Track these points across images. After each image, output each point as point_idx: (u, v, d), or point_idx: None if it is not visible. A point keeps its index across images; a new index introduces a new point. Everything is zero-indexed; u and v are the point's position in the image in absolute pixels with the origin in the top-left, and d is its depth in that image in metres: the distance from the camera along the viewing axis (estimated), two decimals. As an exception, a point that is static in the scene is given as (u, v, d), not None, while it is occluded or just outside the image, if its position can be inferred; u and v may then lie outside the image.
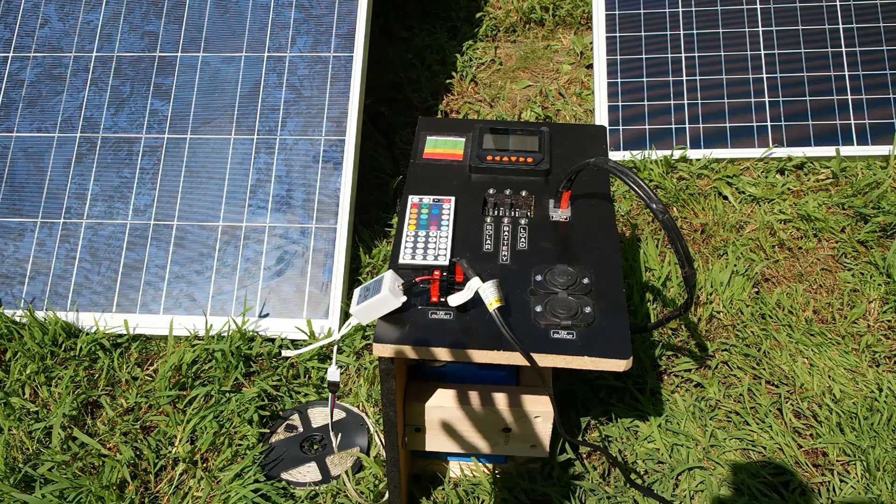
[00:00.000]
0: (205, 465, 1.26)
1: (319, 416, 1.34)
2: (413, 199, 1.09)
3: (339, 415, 1.34)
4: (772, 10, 1.92)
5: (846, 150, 1.77)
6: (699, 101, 1.86)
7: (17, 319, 1.47)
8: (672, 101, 1.86)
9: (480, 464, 1.21)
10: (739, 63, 1.88)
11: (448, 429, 1.09)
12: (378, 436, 1.30)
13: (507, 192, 1.10)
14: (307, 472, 1.25)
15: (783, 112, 1.82)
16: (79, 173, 1.59)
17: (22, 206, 1.57)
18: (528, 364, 0.89)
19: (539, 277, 0.97)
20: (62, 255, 1.52)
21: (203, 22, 1.69)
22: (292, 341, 1.45)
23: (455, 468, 1.22)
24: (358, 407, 1.36)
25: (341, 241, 1.50)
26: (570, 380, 1.37)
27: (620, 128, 1.86)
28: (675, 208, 1.72)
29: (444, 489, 1.22)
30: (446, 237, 1.02)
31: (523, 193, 1.10)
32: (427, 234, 1.03)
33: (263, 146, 1.58)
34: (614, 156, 1.84)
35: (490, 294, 0.88)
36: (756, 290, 1.54)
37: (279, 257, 1.50)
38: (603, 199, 1.10)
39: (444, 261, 0.99)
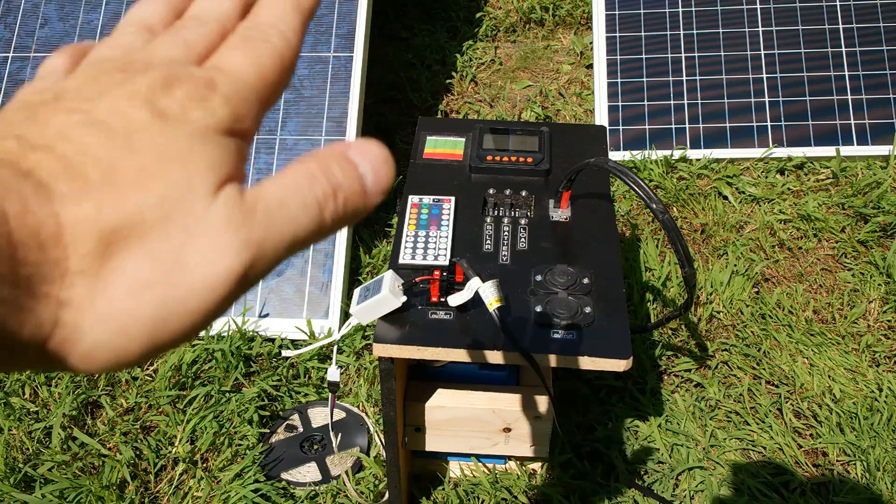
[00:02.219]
0: (205, 465, 1.26)
1: (319, 416, 1.34)
2: (413, 199, 1.09)
3: (339, 415, 1.34)
4: (772, 10, 1.92)
5: (846, 150, 1.77)
6: (699, 102, 1.86)
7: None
8: (672, 102, 1.86)
9: (480, 464, 1.21)
10: (739, 63, 1.88)
11: (448, 429, 1.09)
12: (378, 436, 1.30)
13: (507, 192, 1.10)
14: (307, 472, 1.25)
15: (783, 112, 1.82)
16: (79, 173, 1.59)
17: (22, 206, 1.57)
18: (528, 364, 0.89)
19: (539, 277, 0.97)
20: (62, 255, 1.52)
21: (203, 22, 1.69)
22: (292, 341, 1.45)
23: (455, 468, 1.22)
24: (358, 407, 1.36)
25: (341, 241, 1.50)
26: (570, 380, 1.37)
27: (620, 128, 1.86)
28: (675, 208, 1.72)
29: (444, 489, 1.22)
30: (446, 237, 1.02)
31: (523, 193, 1.10)
32: (427, 234, 1.03)
33: (263, 146, 1.58)
34: (614, 156, 1.84)
35: (490, 294, 0.88)
36: (756, 290, 1.54)
37: (279, 257, 1.50)
38: (603, 199, 1.10)
39: (444, 261, 0.99)
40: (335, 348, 1.08)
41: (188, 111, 0.24)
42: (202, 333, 1.45)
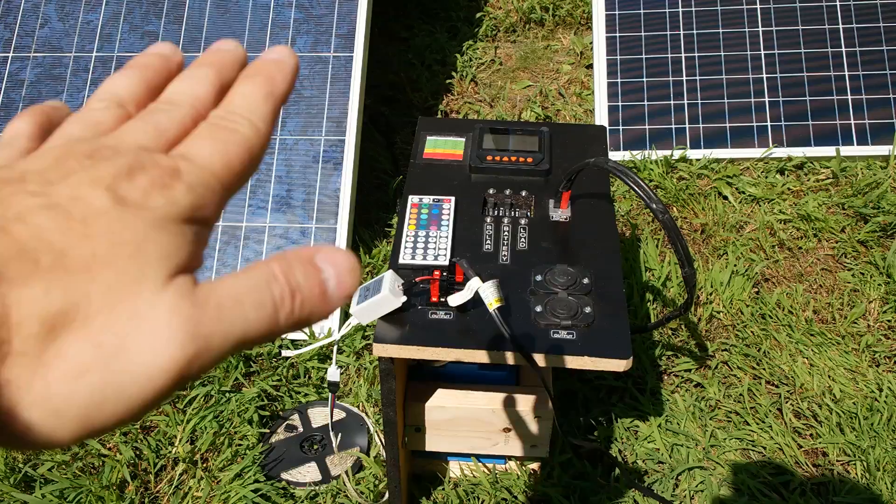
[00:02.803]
0: (205, 465, 1.26)
1: (319, 416, 1.34)
2: (413, 199, 1.09)
3: (339, 415, 1.34)
4: (772, 10, 1.92)
5: (846, 151, 1.77)
6: (699, 102, 1.86)
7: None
8: (672, 102, 1.86)
9: (480, 464, 1.21)
10: (739, 63, 1.88)
11: (448, 429, 1.09)
12: (378, 436, 1.30)
13: (507, 192, 1.10)
14: (307, 472, 1.25)
15: (783, 112, 1.82)
16: (79, 173, 1.59)
17: (22, 206, 1.57)
18: (528, 364, 0.89)
19: (539, 277, 0.97)
20: (62, 255, 1.52)
21: (203, 22, 1.69)
22: (292, 341, 1.45)
23: (455, 468, 1.22)
24: (358, 407, 1.36)
25: (341, 241, 1.50)
26: (570, 380, 1.37)
27: (620, 128, 1.86)
28: (675, 208, 1.72)
29: (444, 489, 1.22)
30: (446, 237, 1.02)
31: (523, 193, 1.10)
32: (427, 234, 1.03)
33: (263, 146, 1.58)
34: (614, 156, 1.84)
35: (490, 294, 0.88)
36: (756, 290, 1.54)
37: (279, 257, 1.50)
38: (603, 199, 1.10)
39: (444, 261, 0.99)
40: (335, 348, 1.08)
41: (149, 198, 0.24)
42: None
